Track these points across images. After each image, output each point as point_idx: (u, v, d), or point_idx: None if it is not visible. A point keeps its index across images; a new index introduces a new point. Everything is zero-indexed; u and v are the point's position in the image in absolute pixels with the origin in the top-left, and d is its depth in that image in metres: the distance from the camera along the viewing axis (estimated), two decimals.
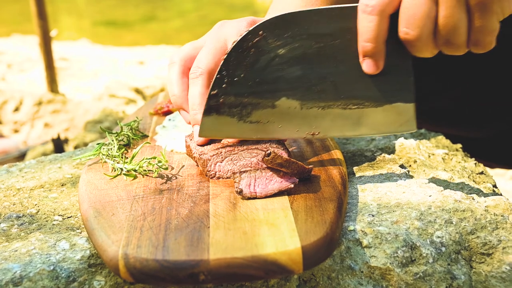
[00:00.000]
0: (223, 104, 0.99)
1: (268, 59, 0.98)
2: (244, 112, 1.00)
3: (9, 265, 0.85)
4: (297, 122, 1.01)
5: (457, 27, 0.90)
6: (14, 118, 4.13)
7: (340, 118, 1.01)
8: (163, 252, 0.78)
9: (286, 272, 0.78)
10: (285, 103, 1.00)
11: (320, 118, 1.01)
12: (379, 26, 0.93)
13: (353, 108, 1.00)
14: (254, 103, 1.00)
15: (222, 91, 0.99)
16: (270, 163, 0.93)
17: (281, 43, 0.97)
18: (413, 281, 0.88)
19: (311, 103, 1.00)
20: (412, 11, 0.91)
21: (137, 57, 6.31)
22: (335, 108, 1.00)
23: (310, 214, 0.87)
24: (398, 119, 1.01)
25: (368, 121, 1.01)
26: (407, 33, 0.92)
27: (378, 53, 0.95)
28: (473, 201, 0.99)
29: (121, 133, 1.19)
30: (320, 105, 1.00)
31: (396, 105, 1.00)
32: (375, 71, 0.97)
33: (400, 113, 1.00)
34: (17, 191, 1.10)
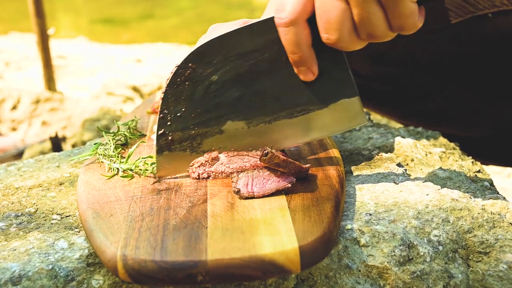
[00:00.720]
0: (173, 141, 1.01)
1: (204, 88, 0.99)
2: (194, 143, 1.02)
3: (8, 264, 0.85)
4: (248, 141, 1.02)
5: (373, 21, 0.91)
6: (12, 116, 4.13)
7: (289, 127, 1.02)
8: (161, 253, 0.78)
9: (284, 272, 0.78)
10: (232, 125, 1.01)
11: (269, 132, 1.02)
12: (299, 35, 0.94)
13: (299, 115, 1.01)
14: (202, 133, 1.01)
15: (168, 129, 1.00)
16: (267, 162, 0.93)
17: (213, 70, 0.98)
18: (411, 280, 0.88)
19: (257, 120, 1.01)
20: (326, 17, 0.91)
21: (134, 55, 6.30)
22: (281, 119, 1.01)
23: (308, 214, 0.87)
24: (347, 115, 1.02)
25: (317, 123, 1.02)
26: (328, 38, 0.93)
27: (308, 59, 0.96)
28: (470, 200, 0.99)
29: (118, 133, 1.19)
30: (266, 120, 1.01)
31: (340, 102, 1.01)
32: (312, 78, 0.98)
33: (347, 108, 1.01)
34: (16, 190, 1.11)
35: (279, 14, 0.94)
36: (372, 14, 0.90)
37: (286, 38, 0.95)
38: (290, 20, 0.93)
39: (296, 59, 0.97)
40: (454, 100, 1.58)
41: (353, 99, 1.01)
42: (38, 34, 4.33)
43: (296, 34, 0.94)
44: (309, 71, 0.98)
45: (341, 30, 0.92)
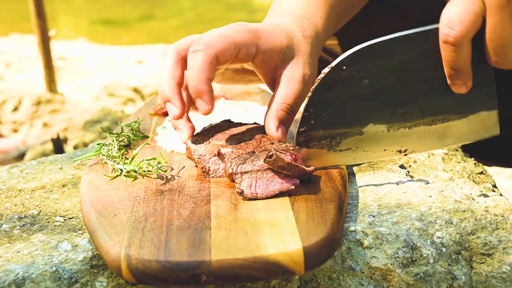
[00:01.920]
0: (312, 139, 1.02)
1: (353, 91, 1.00)
2: (333, 142, 1.02)
3: (11, 266, 0.85)
4: (385, 143, 1.03)
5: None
6: (13, 117, 4.13)
7: (426, 134, 1.03)
8: (165, 253, 0.78)
9: (288, 273, 0.78)
10: (372, 128, 1.02)
11: (407, 137, 1.03)
12: (463, 54, 0.94)
13: (439, 123, 1.02)
14: (342, 133, 1.02)
15: (310, 127, 1.01)
16: (271, 164, 0.93)
17: (364, 74, 0.99)
18: (414, 282, 0.88)
19: (398, 125, 1.02)
20: (500, 42, 0.92)
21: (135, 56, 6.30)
22: (421, 126, 1.02)
23: (311, 215, 0.87)
24: (482, 127, 1.03)
25: (453, 132, 1.03)
26: (497, 61, 0.94)
27: (466, 76, 0.97)
28: (473, 202, 0.99)
29: (121, 134, 1.19)
30: (407, 125, 1.02)
31: (480, 114, 1.02)
32: (465, 91, 0.99)
33: (484, 120, 1.02)
34: (19, 192, 1.11)
35: (447, 31, 0.93)
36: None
37: (450, 55, 0.95)
38: (459, 40, 0.93)
39: (454, 74, 0.97)
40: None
41: (492, 112, 1.02)
42: (39, 35, 4.33)
43: (461, 52, 0.94)
44: (464, 85, 0.98)
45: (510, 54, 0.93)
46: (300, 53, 1.09)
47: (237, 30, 1.05)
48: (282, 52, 1.07)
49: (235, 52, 1.03)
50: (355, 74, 0.99)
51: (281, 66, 1.07)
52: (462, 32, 0.92)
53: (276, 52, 1.06)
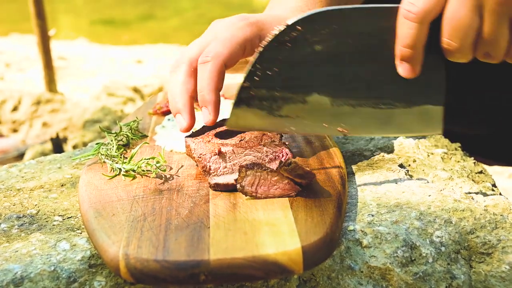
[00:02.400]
0: (254, 97, 0.99)
1: (304, 54, 0.97)
2: (274, 106, 1.00)
3: (10, 266, 0.85)
4: (327, 118, 1.01)
5: (499, 42, 0.91)
6: (13, 117, 4.13)
7: (370, 117, 1.01)
8: (164, 253, 0.78)
9: (287, 272, 0.78)
10: (316, 99, 0.99)
11: (350, 116, 1.01)
12: (420, 33, 0.93)
13: (384, 108, 1.00)
14: (285, 98, 0.99)
15: (254, 84, 0.98)
16: (288, 172, 0.92)
17: (318, 40, 0.96)
18: (413, 281, 0.88)
19: (342, 101, 1.00)
20: (455, 23, 0.90)
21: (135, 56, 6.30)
22: (366, 107, 1.00)
23: (310, 214, 0.87)
24: (425, 121, 1.01)
25: (396, 121, 1.01)
26: (449, 44, 0.92)
27: (416, 58, 0.95)
28: (473, 201, 0.99)
29: (120, 133, 1.19)
30: (351, 103, 1.00)
31: (425, 107, 1.00)
32: (411, 76, 0.96)
33: (428, 115, 1.01)
34: (17, 191, 1.10)
35: (410, 7, 0.92)
36: (500, 36, 0.90)
37: (406, 31, 0.93)
38: (420, 17, 0.91)
39: (406, 53, 0.95)
40: (454, 98, 1.58)
41: (437, 108, 1.01)
42: (38, 35, 4.33)
43: (418, 32, 0.92)
44: (412, 69, 0.96)
45: (464, 40, 0.91)
46: None
47: (240, 26, 1.05)
48: None
49: (242, 50, 1.05)
50: (309, 37, 0.96)
51: None
52: (425, 10, 0.91)
53: None
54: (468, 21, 0.90)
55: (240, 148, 1.02)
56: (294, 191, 0.93)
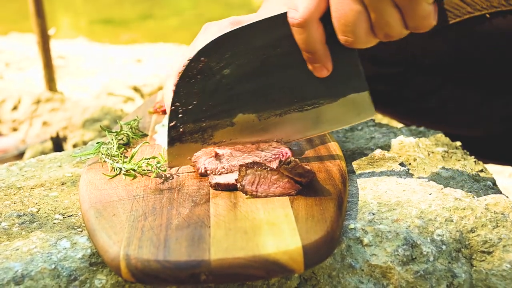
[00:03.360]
0: (184, 133, 1.01)
1: (216, 81, 0.99)
2: (205, 135, 1.02)
3: (10, 264, 0.85)
4: (258, 133, 1.03)
5: (390, 22, 0.91)
6: (13, 116, 4.12)
7: (299, 121, 1.03)
8: (164, 253, 0.78)
9: (287, 271, 0.78)
10: (242, 118, 1.02)
11: (280, 124, 1.03)
12: (312, 34, 0.94)
13: (309, 108, 1.02)
14: (213, 125, 1.02)
15: (180, 121, 1.01)
16: (288, 171, 0.92)
17: (224, 64, 0.99)
18: (414, 279, 0.88)
19: (267, 113, 1.02)
20: (344, 19, 0.91)
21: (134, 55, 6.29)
22: (291, 112, 1.02)
23: (311, 213, 0.87)
24: (356, 109, 1.03)
25: (327, 117, 1.03)
26: (346, 40, 0.93)
27: (322, 57, 0.97)
28: (473, 199, 0.99)
29: (120, 132, 1.19)
30: (277, 113, 1.02)
31: (350, 96, 1.02)
32: (326, 74, 0.98)
33: (357, 102, 1.02)
34: (18, 190, 1.10)
35: (292, 13, 0.94)
36: (389, 16, 0.90)
37: (299, 37, 0.95)
38: (304, 21, 0.93)
39: (310, 56, 0.97)
40: (453, 99, 1.58)
41: (363, 94, 1.02)
42: (38, 34, 4.32)
43: (309, 33, 0.94)
44: (323, 67, 0.98)
45: (359, 32, 0.92)
46: None
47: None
48: None
49: None
50: (215, 65, 0.98)
51: None
52: (305, 14, 0.92)
53: None
54: (354, 15, 0.91)
55: (238, 151, 1.02)
56: (295, 190, 0.93)
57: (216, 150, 1.02)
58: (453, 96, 1.58)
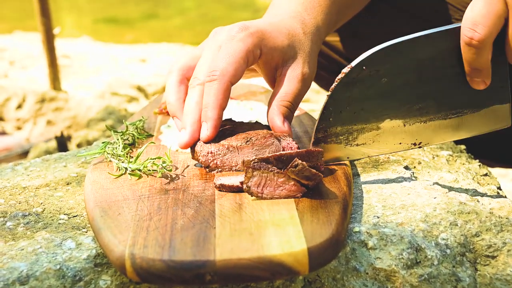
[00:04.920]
0: (330, 135, 1.04)
1: (372, 89, 1.02)
2: (350, 138, 1.05)
3: (15, 264, 0.85)
4: (400, 137, 1.06)
5: None
6: (17, 115, 4.13)
7: (441, 127, 1.05)
8: (170, 252, 0.78)
9: (292, 273, 0.78)
10: (389, 124, 1.04)
11: (423, 130, 1.05)
12: (485, 55, 0.96)
13: (453, 117, 1.05)
14: (360, 129, 1.05)
15: (329, 124, 1.04)
16: (295, 174, 0.92)
17: (383, 73, 1.01)
18: (418, 283, 0.88)
19: (413, 120, 1.05)
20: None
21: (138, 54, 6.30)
22: (436, 120, 1.05)
23: (316, 216, 0.87)
24: (495, 118, 1.05)
25: (467, 125, 1.05)
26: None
27: (486, 73, 0.99)
28: (478, 203, 0.99)
29: (126, 132, 1.19)
30: (422, 120, 1.05)
31: (493, 107, 1.04)
32: (484, 88, 1.01)
33: (497, 113, 1.05)
34: (23, 189, 1.11)
35: (471, 34, 0.95)
36: None
37: (471, 56, 0.97)
38: (483, 42, 0.95)
39: (474, 72, 0.99)
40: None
41: (505, 105, 1.05)
42: (43, 33, 4.33)
43: (482, 54, 0.96)
44: (483, 82, 1.01)
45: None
46: (300, 52, 1.11)
47: (240, 38, 1.07)
48: (283, 51, 1.09)
49: (245, 64, 1.07)
50: (374, 74, 1.01)
51: (282, 65, 1.10)
52: (486, 35, 0.94)
53: (278, 52, 1.09)
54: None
55: (245, 148, 1.03)
56: (300, 193, 0.93)
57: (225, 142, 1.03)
58: None
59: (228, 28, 1.09)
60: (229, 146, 1.04)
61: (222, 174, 1.03)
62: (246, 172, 0.93)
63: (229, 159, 1.04)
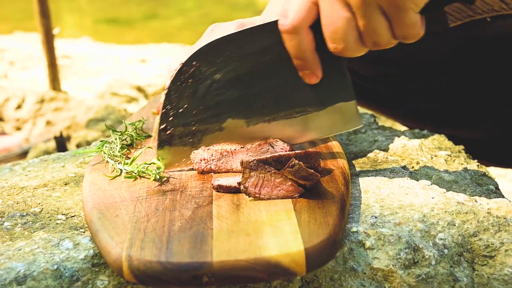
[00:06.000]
0: (174, 136, 1.04)
1: (207, 86, 1.02)
2: (195, 139, 1.05)
3: (13, 264, 0.85)
4: (246, 138, 1.05)
5: (378, 30, 0.93)
6: (16, 115, 4.13)
7: (287, 127, 1.05)
8: (167, 254, 0.78)
9: (289, 274, 0.78)
10: (231, 123, 1.04)
11: (268, 130, 1.05)
12: (302, 42, 0.97)
13: (297, 115, 1.05)
14: (202, 130, 1.04)
15: (170, 124, 1.03)
16: (292, 174, 0.92)
17: (215, 69, 1.01)
18: (416, 283, 0.88)
19: (256, 119, 1.04)
20: (333, 27, 0.93)
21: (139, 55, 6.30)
22: (279, 119, 1.05)
23: (313, 216, 0.87)
24: (343, 118, 1.05)
25: (314, 125, 1.05)
26: (336, 47, 0.95)
27: (312, 64, 0.99)
28: (476, 203, 0.99)
29: (125, 133, 1.19)
30: (265, 119, 1.05)
31: (338, 105, 1.04)
32: (316, 81, 1.01)
33: (344, 111, 1.05)
34: (21, 189, 1.11)
35: (283, 21, 0.96)
36: (377, 25, 0.92)
37: (289, 44, 0.98)
38: (293, 27, 0.96)
39: (300, 63, 0.99)
40: (454, 102, 1.58)
41: (350, 103, 1.04)
42: (43, 33, 4.33)
43: (299, 41, 0.97)
44: (313, 74, 1.00)
45: (348, 40, 0.94)
46: None
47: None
48: None
49: None
50: (206, 69, 1.01)
51: None
52: (295, 21, 0.95)
53: None
54: (343, 23, 0.93)
55: (239, 153, 1.03)
56: (298, 193, 0.93)
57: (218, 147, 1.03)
58: (455, 99, 1.58)
59: (225, 25, 1.10)
60: (222, 152, 1.04)
61: (219, 175, 1.03)
62: (244, 173, 0.93)
63: (224, 163, 1.04)
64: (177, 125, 1.04)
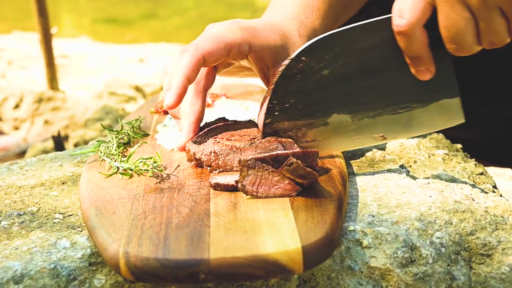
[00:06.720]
0: (278, 130, 1.04)
1: (314, 81, 1.01)
2: (299, 133, 1.05)
3: (10, 263, 0.85)
4: (350, 133, 1.05)
5: (497, 30, 0.94)
6: (14, 115, 4.13)
7: (391, 123, 1.05)
8: (164, 251, 0.78)
9: (287, 272, 0.78)
10: (337, 118, 1.04)
11: (372, 126, 1.05)
12: (417, 41, 0.97)
13: (402, 111, 1.04)
14: (308, 124, 1.04)
15: (275, 119, 1.03)
16: (290, 172, 0.92)
17: (324, 65, 1.00)
18: (413, 282, 0.88)
19: (361, 114, 1.04)
20: (454, 29, 0.94)
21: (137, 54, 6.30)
22: (385, 115, 1.04)
23: (311, 214, 0.87)
24: (446, 115, 1.04)
25: (418, 121, 1.05)
26: (453, 47, 0.96)
27: (427, 60, 0.99)
28: (473, 202, 0.99)
29: (121, 131, 1.19)
30: (370, 115, 1.04)
31: (442, 102, 1.03)
32: (430, 77, 1.00)
33: (447, 108, 1.04)
34: (18, 189, 1.11)
35: (398, 21, 0.96)
36: (497, 25, 0.93)
37: (404, 44, 0.98)
38: (410, 28, 0.95)
39: (414, 61, 0.99)
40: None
41: (454, 100, 1.03)
42: (41, 33, 4.33)
43: (414, 40, 0.96)
44: (427, 71, 1.00)
45: (466, 41, 0.95)
46: None
47: (230, 29, 1.06)
48: (275, 51, 1.08)
49: (226, 51, 1.05)
50: (315, 65, 1.00)
51: (273, 65, 1.09)
52: (412, 21, 0.95)
53: (269, 52, 1.08)
54: (463, 24, 0.93)
55: (248, 150, 1.03)
56: (295, 191, 0.93)
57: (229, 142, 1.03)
58: None
59: (222, 22, 1.09)
60: (232, 147, 1.03)
61: (217, 173, 1.03)
62: (241, 171, 0.93)
63: (230, 159, 1.04)
64: (282, 119, 1.04)
